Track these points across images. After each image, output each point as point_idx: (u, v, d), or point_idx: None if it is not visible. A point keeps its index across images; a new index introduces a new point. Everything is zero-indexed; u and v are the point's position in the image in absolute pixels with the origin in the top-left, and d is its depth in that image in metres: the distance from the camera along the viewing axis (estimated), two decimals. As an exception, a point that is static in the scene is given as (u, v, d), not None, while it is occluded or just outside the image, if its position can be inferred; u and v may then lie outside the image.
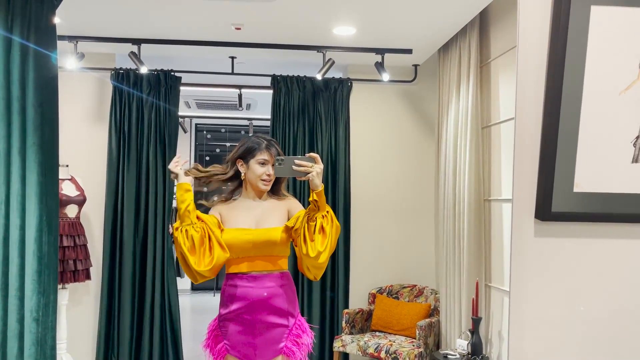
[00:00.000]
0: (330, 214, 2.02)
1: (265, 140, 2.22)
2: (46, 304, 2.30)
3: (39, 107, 2.14)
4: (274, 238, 2.11)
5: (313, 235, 1.98)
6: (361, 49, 4.07)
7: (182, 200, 2.04)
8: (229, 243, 2.09)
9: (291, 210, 2.21)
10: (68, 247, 3.86)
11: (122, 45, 4.03)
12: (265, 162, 2.17)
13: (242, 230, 2.13)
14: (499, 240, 3.42)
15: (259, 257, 2.12)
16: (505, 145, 3.36)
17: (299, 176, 1.98)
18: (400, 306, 4.26)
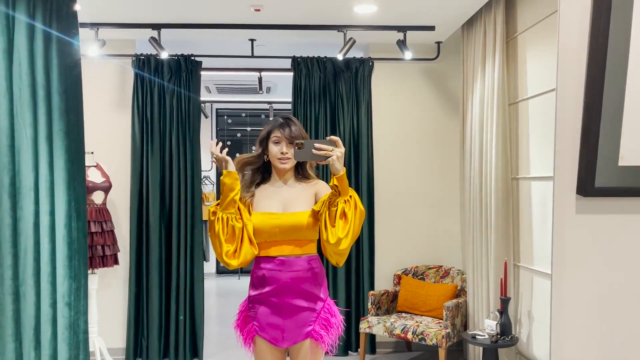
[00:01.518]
0: (353, 198, 1.95)
1: (282, 119, 2.17)
2: (77, 289, 2.33)
3: (64, 93, 2.14)
4: (301, 222, 2.07)
5: (334, 221, 1.93)
6: (382, 27, 3.99)
7: (231, 189, 2.02)
8: (256, 227, 2.08)
9: (319, 193, 2.15)
10: (96, 233, 3.91)
11: (142, 31, 4.03)
12: (278, 140, 2.12)
13: (269, 214, 2.10)
14: (527, 219, 3.36)
15: (287, 241, 2.09)
16: (533, 121, 3.27)
17: (319, 160, 1.92)
18: (426, 287, 4.23)
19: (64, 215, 2.15)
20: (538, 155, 3.23)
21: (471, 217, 3.89)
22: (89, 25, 3.87)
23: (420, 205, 4.55)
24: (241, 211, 2.08)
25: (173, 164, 4.30)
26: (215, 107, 8.39)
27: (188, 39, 4.39)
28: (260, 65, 4.66)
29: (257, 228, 2.08)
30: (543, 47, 3.15)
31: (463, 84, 4.11)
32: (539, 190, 3.22)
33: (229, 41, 4.51)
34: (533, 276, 3.31)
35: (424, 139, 4.54)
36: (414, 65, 4.49)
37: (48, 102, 2.03)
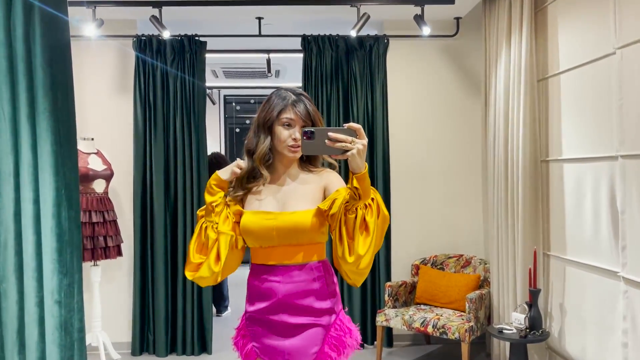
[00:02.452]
0: (376, 201, 1.51)
1: (293, 94, 1.71)
2: (70, 284, 2.12)
3: (48, 67, 1.91)
4: (302, 224, 1.64)
5: (352, 232, 1.51)
6: (399, 1, 3.72)
7: (216, 194, 1.70)
8: (247, 229, 1.68)
9: (328, 187, 1.71)
10: (97, 223, 3.72)
11: (142, 9, 3.80)
12: (291, 122, 1.67)
13: (264, 213, 1.69)
14: (559, 205, 3.10)
15: (287, 245, 1.68)
16: (566, 98, 3.00)
17: (335, 154, 1.47)
18: (446, 277, 4.00)
19: (51, 204, 1.94)
20: (571, 135, 2.96)
21: (496, 203, 3.64)
22: (86, 3, 3.65)
23: (439, 192, 4.30)
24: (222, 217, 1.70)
25: (178, 150, 4.08)
26: (223, 94, 8.16)
27: (191, 18, 4.15)
28: (268, 46, 4.42)
29: (250, 231, 1.68)
30: (578, 16, 2.87)
31: (485, 61, 3.83)
32: (572, 173, 2.96)
33: (234, 19, 4.26)
34: (565, 266, 3.06)
35: (443, 121, 4.28)
36: (432, 42, 4.22)
37: (29, 76, 1.81)
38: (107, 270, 4.05)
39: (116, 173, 3.93)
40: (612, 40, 2.54)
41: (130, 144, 4.07)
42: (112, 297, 4.11)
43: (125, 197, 4.12)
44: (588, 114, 2.77)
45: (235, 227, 1.71)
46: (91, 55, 4.09)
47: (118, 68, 4.15)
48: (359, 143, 1.43)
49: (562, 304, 3.10)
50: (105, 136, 4.05)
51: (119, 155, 4.06)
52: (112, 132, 4.11)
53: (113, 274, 4.13)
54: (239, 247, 1.73)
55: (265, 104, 1.73)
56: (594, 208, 2.75)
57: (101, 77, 4.13)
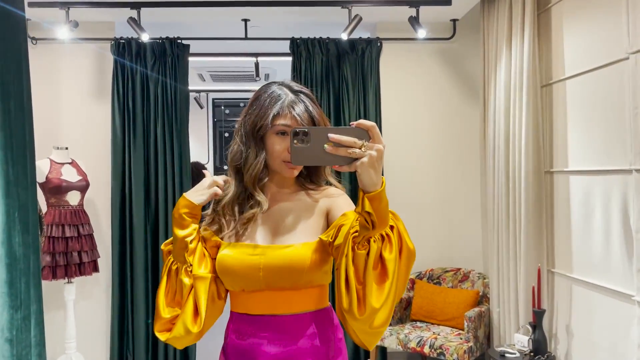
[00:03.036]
0: (397, 229, 1.10)
1: (291, 92, 1.29)
2: (24, 318, 1.88)
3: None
4: (298, 262, 1.24)
5: (363, 275, 1.07)
6: (393, 2, 3.51)
7: (186, 225, 1.30)
8: (226, 268, 1.28)
9: (333, 210, 1.30)
10: (71, 238, 3.48)
11: (120, 10, 3.56)
12: (287, 130, 1.26)
13: (247, 247, 1.29)
14: (565, 219, 2.90)
15: (277, 290, 1.27)
16: (572, 105, 2.80)
17: (338, 164, 1.03)
18: (443, 293, 3.79)
19: (0, 231, 1.70)
20: (579, 145, 2.76)
21: (496, 215, 3.43)
22: (59, 4, 3.41)
23: (435, 202, 4.09)
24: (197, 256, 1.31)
25: (159, 159, 3.85)
26: (211, 97, 7.92)
27: (173, 20, 3.92)
28: (256, 49, 4.19)
29: (228, 270, 1.28)
30: (585, 19, 2.67)
31: (484, 65, 3.63)
32: (579, 185, 2.76)
33: (219, 22, 4.04)
34: (572, 285, 2.86)
35: (439, 128, 4.07)
36: (427, 45, 4.02)
37: (-28, 85, 1.57)
38: (82, 287, 3.81)
39: (93, 184, 3.70)
40: (625, 45, 2.34)
41: (107, 152, 3.83)
42: (88, 316, 3.86)
43: (102, 209, 3.88)
44: (598, 123, 2.57)
45: (215, 269, 1.33)
46: (66, 59, 3.85)
47: (95, 72, 3.91)
48: (374, 147, 1.01)
49: (568, 325, 2.90)
50: (81, 145, 3.81)
51: (96, 164, 3.82)
52: (89, 140, 3.86)
53: (89, 291, 3.88)
54: (222, 296, 1.34)
55: (254, 104, 1.31)
56: (604, 225, 2.55)
57: (77, 83, 3.88)
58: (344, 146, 1.01)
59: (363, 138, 1.02)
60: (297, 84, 1.33)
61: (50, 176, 3.45)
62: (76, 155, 3.69)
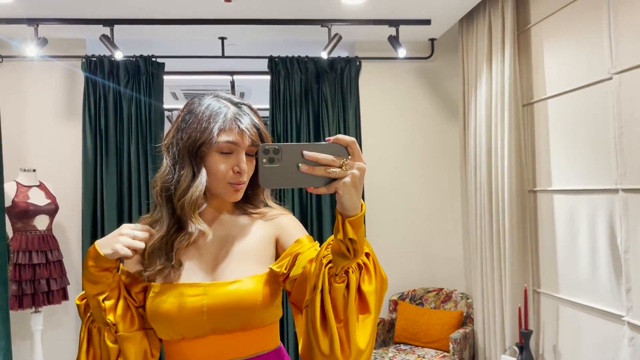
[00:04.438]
0: (371, 259, 0.97)
1: (232, 104, 1.11)
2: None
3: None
4: (248, 299, 1.07)
5: (344, 311, 0.93)
6: (373, 21, 3.50)
7: (98, 282, 1.05)
8: (161, 315, 1.07)
9: (282, 236, 1.15)
10: (39, 265, 3.30)
11: (92, 28, 3.44)
12: (232, 146, 1.08)
13: (185, 287, 1.08)
14: (549, 239, 2.89)
15: (224, 334, 1.09)
16: (554, 124, 2.81)
17: (314, 186, 0.90)
18: (427, 314, 3.73)
19: (-36, 263, 1.56)
20: (562, 164, 2.76)
21: (479, 234, 3.41)
22: (26, 20, 3.28)
23: (416, 221, 4.06)
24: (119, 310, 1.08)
25: (132, 181, 3.70)
26: (183, 116, 7.79)
27: (148, 38, 3.82)
28: (232, 68, 4.11)
29: (165, 317, 1.07)
30: (566, 39, 2.69)
31: (463, 84, 3.64)
32: (564, 204, 2.75)
33: (195, 40, 3.95)
34: (558, 305, 2.83)
35: (419, 146, 4.05)
36: (406, 64, 4.01)
37: None
38: (51, 315, 3.61)
39: (62, 207, 3.53)
40: (608, 65, 2.35)
41: (78, 174, 3.67)
42: (57, 346, 3.66)
43: (72, 233, 3.70)
44: (581, 143, 2.58)
45: (143, 320, 1.11)
46: (34, 78, 3.70)
47: (65, 91, 3.76)
48: (355, 165, 0.88)
49: (555, 346, 2.87)
50: (50, 166, 3.64)
51: (66, 187, 3.65)
52: (58, 161, 3.70)
53: (58, 320, 3.68)
54: (155, 352, 1.13)
55: (187, 118, 1.10)
56: (590, 244, 2.54)
57: (46, 101, 3.73)
58: (322, 165, 0.88)
59: (342, 155, 0.89)
60: (235, 96, 1.14)
61: (17, 200, 3.27)
62: (44, 178, 3.52)
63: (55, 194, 3.48)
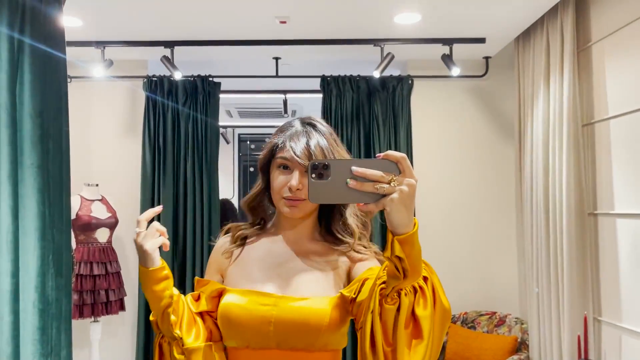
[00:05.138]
0: (431, 282, 0.94)
1: (300, 123, 1.18)
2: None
3: (38, 117, 1.67)
4: (316, 318, 1.07)
5: (393, 334, 0.92)
6: (426, 40, 3.49)
7: (159, 297, 1.11)
8: (231, 318, 1.11)
9: (357, 265, 1.16)
10: (99, 276, 3.44)
11: (154, 49, 3.60)
12: (286, 163, 1.14)
13: (258, 295, 1.13)
14: (612, 265, 2.76)
15: (287, 351, 1.10)
16: (617, 146, 2.70)
17: (363, 202, 0.88)
18: (479, 338, 3.62)
19: (34, 274, 1.66)
20: (626, 187, 2.64)
21: (535, 258, 3.29)
22: (95, 43, 3.47)
23: (469, 242, 3.97)
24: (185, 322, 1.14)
25: (188, 196, 3.82)
26: (237, 132, 7.98)
27: (205, 58, 3.96)
28: (284, 86, 4.20)
29: (235, 321, 1.11)
30: (629, 57, 2.59)
31: (519, 103, 3.56)
32: (628, 229, 2.63)
33: (250, 60, 4.06)
34: (621, 335, 2.69)
35: (472, 166, 3.98)
36: (459, 83, 3.97)
37: (13, 128, 1.56)
38: (108, 325, 3.74)
39: (121, 220, 3.68)
40: (676, 84, 2.25)
41: (137, 189, 3.82)
42: (114, 355, 3.79)
43: (130, 246, 3.85)
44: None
45: (211, 332, 1.16)
46: (99, 97, 3.90)
47: (127, 110, 3.94)
48: (404, 182, 0.86)
49: (618, 379, 2.72)
50: (111, 182, 3.81)
51: (126, 201, 3.81)
52: (119, 177, 3.87)
53: (115, 330, 3.82)
54: None
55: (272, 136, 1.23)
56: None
57: (109, 120, 3.92)
58: (370, 181, 0.86)
59: (392, 171, 0.87)
60: (313, 119, 1.20)
61: (80, 213, 3.44)
62: (106, 192, 3.69)
63: (115, 208, 3.63)
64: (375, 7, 3.00)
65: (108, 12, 3.07)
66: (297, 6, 3.01)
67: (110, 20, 3.18)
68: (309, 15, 3.13)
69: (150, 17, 3.14)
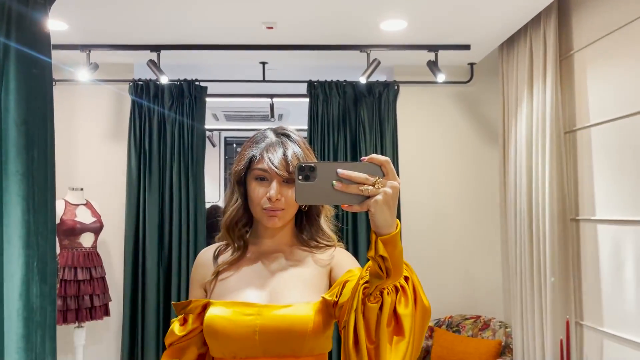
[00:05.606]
0: (412, 281, 0.97)
1: (275, 135, 1.22)
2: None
3: (23, 124, 1.66)
4: (300, 324, 1.10)
5: (375, 332, 0.94)
6: (412, 47, 3.52)
7: None
8: (216, 330, 1.13)
9: (336, 269, 1.19)
10: (84, 281, 3.41)
11: (139, 53, 3.59)
12: (263, 175, 1.17)
13: (243, 305, 1.14)
14: (593, 270, 2.81)
15: (272, 358, 1.12)
16: (598, 153, 2.75)
17: (348, 203, 0.91)
18: (464, 342, 3.66)
19: (18, 283, 1.65)
20: (607, 193, 2.69)
21: (518, 262, 3.34)
22: (80, 47, 3.44)
23: (453, 246, 4.01)
24: None
25: (174, 201, 3.80)
26: (223, 135, 7.96)
27: (191, 62, 3.95)
28: (271, 91, 4.21)
29: (221, 332, 1.13)
30: (611, 66, 2.65)
31: (503, 109, 3.61)
32: (608, 235, 2.68)
33: (237, 64, 4.06)
34: (603, 339, 2.74)
35: (457, 171, 4.02)
36: (445, 89, 4.01)
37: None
38: (92, 331, 3.71)
39: (106, 225, 3.65)
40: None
41: (123, 193, 3.79)
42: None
43: (115, 251, 3.82)
44: (628, 172, 2.51)
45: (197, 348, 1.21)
46: (84, 100, 3.87)
47: (112, 113, 3.92)
48: (387, 184, 0.89)
49: (599, 382, 2.77)
50: (96, 186, 3.78)
51: (111, 206, 3.78)
52: (104, 181, 3.84)
53: (99, 336, 3.78)
54: None
55: (242, 147, 1.25)
56: (637, 277, 2.46)
57: (94, 123, 3.89)
58: (355, 183, 0.89)
59: (376, 174, 0.90)
60: (286, 129, 1.24)
61: (65, 218, 3.40)
62: (91, 197, 3.66)
63: (100, 212, 3.60)
64: (362, 13, 3.02)
65: (94, 16, 3.05)
66: (284, 12, 3.02)
67: (96, 23, 3.17)
68: (296, 21, 3.15)
69: (137, 20, 3.13)
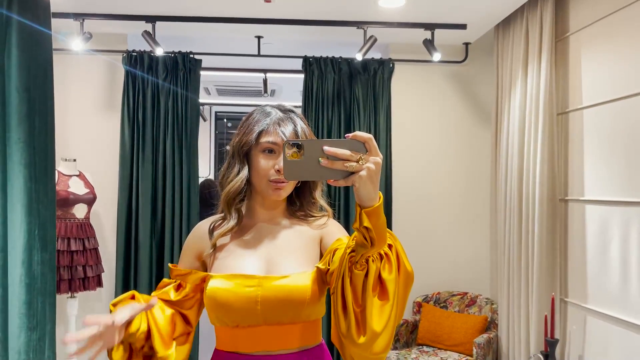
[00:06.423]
0: (395, 249, 1.02)
1: (281, 111, 1.27)
2: (40, 338, 1.84)
3: (25, 92, 1.66)
4: (299, 293, 1.17)
5: (362, 297, 1.00)
6: (409, 25, 3.52)
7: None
8: (220, 302, 1.18)
9: (326, 238, 1.25)
10: (77, 252, 3.42)
11: (134, 23, 3.55)
12: (273, 147, 1.22)
13: (243, 278, 1.19)
14: (580, 249, 2.89)
15: (275, 325, 1.18)
16: (589, 135, 2.81)
17: (333, 178, 0.96)
18: (451, 318, 3.75)
19: (21, 250, 1.67)
20: (596, 174, 2.75)
21: (507, 240, 3.41)
22: (73, 15, 3.39)
23: (443, 224, 4.08)
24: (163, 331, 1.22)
25: (167, 173, 3.81)
26: (214, 110, 7.91)
27: (187, 34, 3.91)
28: (266, 66, 4.19)
29: (224, 304, 1.17)
30: (605, 49, 2.68)
31: (497, 89, 3.64)
32: (596, 215, 2.75)
33: (232, 38, 4.03)
34: (586, 315, 2.83)
35: (450, 150, 4.07)
36: (440, 68, 4.03)
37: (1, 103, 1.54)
38: (85, 301, 3.74)
39: (99, 197, 3.65)
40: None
41: (116, 165, 3.79)
42: (90, 331, 3.78)
43: (108, 222, 3.83)
44: (617, 154, 2.57)
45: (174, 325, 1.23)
46: (77, 71, 3.82)
47: (106, 84, 3.88)
48: (370, 160, 0.94)
49: (582, 356, 2.87)
50: (89, 157, 3.77)
51: (104, 177, 3.77)
52: (97, 152, 3.82)
53: (92, 307, 3.81)
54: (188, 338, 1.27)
55: (244, 122, 1.27)
56: (622, 257, 2.54)
57: (87, 94, 3.85)
58: (340, 159, 0.94)
59: (360, 151, 0.95)
60: (288, 105, 1.31)
61: (58, 188, 3.40)
62: (84, 168, 3.65)
63: (93, 184, 3.60)
64: (361, -11, 3.01)
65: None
66: (282, -14, 3.00)
67: (91, -8, 3.12)
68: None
69: (133, -10, 3.09)
